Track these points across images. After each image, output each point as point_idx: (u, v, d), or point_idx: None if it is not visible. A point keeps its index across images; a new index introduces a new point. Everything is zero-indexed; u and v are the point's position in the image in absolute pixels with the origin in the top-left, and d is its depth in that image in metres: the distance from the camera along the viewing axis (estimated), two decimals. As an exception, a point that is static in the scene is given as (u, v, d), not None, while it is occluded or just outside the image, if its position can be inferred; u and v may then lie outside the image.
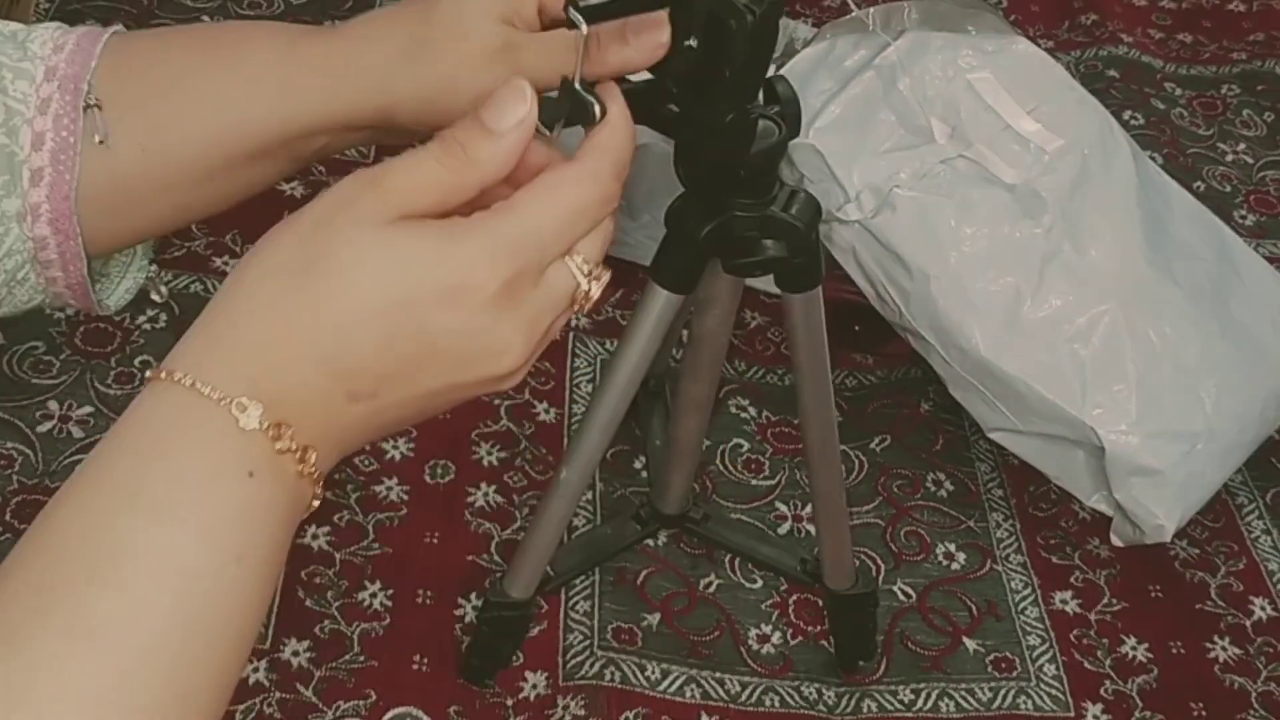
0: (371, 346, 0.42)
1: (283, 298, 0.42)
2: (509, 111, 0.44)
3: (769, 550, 1.36)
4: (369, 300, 0.42)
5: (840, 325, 1.60)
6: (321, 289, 0.42)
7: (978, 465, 1.52)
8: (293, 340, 0.42)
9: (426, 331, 0.43)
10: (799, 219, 0.83)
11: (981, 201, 1.41)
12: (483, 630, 1.21)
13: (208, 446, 0.41)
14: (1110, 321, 1.39)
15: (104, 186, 0.54)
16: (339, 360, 0.42)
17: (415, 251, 0.42)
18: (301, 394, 0.42)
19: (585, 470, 1.05)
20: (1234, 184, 1.91)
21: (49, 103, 0.52)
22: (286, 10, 1.94)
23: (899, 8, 1.52)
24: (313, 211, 0.43)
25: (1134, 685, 1.34)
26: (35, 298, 0.56)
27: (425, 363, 0.43)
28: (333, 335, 0.42)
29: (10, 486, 1.32)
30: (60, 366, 1.43)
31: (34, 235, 0.53)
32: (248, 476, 0.41)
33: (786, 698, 1.28)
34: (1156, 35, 2.18)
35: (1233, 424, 1.42)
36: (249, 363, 0.42)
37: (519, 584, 1.16)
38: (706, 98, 0.60)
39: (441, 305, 0.42)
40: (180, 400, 0.41)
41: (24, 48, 0.53)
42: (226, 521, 0.41)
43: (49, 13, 1.85)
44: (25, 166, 0.52)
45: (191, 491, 0.41)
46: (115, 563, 0.39)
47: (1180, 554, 1.46)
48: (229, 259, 1.56)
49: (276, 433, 0.42)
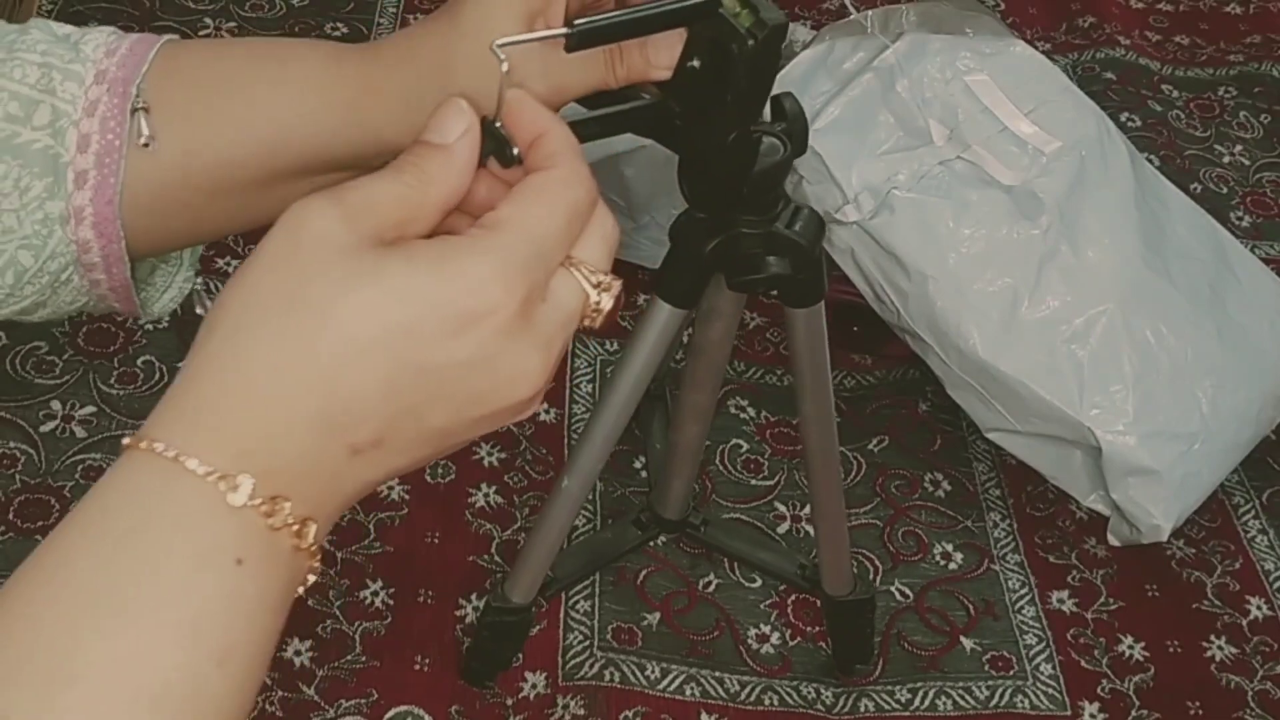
0: (371, 389, 0.38)
1: (267, 349, 0.38)
2: (450, 125, 0.42)
3: (767, 556, 1.37)
4: (361, 337, 0.38)
5: (839, 326, 1.60)
6: (306, 331, 0.38)
7: (975, 465, 1.53)
8: (283, 396, 0.38)
9: (434, 365, 0.39)
10: (803, 236, 0.83)
11: (979, 203, 1.42)
12: (483, 634, 1.22)
13: (190, 531, 0.36)
14: (1107, 322, 1.40)
15: (148, 190, 0.53)
16: (337, 411, 0.38)
17: (410, 278, 0.38)
18: (298, 459, 0.38)
19: (587, 480, 1.05)
20: (1231, 185, 1.92)
21: (96, 105, 0.52)
22: (288, 12, 1.94)
23: (897, 10, 1.52)
24: (271, 245, 0.39)
25: (1130, 684, 1.34)
26: (79, 300, 0.55)
27: (434, 400, 0.39)
28: (327, 383, 0.38)
29: (13, 486, 1.33)
30: (63, 366, 1.44)
31: (77, 238, 0.52)
32: (235, 565, 0.37)
33: (785, 697, 1.29)
34: (1154, 37, 2.19)
35: (1229, 424, 1.43)
36: (238, 429, 0.37)
37: (520, 589, 1.16)
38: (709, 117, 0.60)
39: (450, 335, 0.39)
40: (160, 475, 0.37)
41: (76, 49, 0.53)
42: (208, 619, 0.36)
43: (51, 14, 1.85)
44: (70, 169, 0.52)
45: (169, 587, 0.36)
46: (72, 681, 0.34)
47: (1177, 553, 1.46)
48: (230, 259, 1.57)
49: (271, 508, 0.37)
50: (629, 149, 1.48)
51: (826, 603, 1.24)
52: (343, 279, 0.38)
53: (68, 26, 0.54)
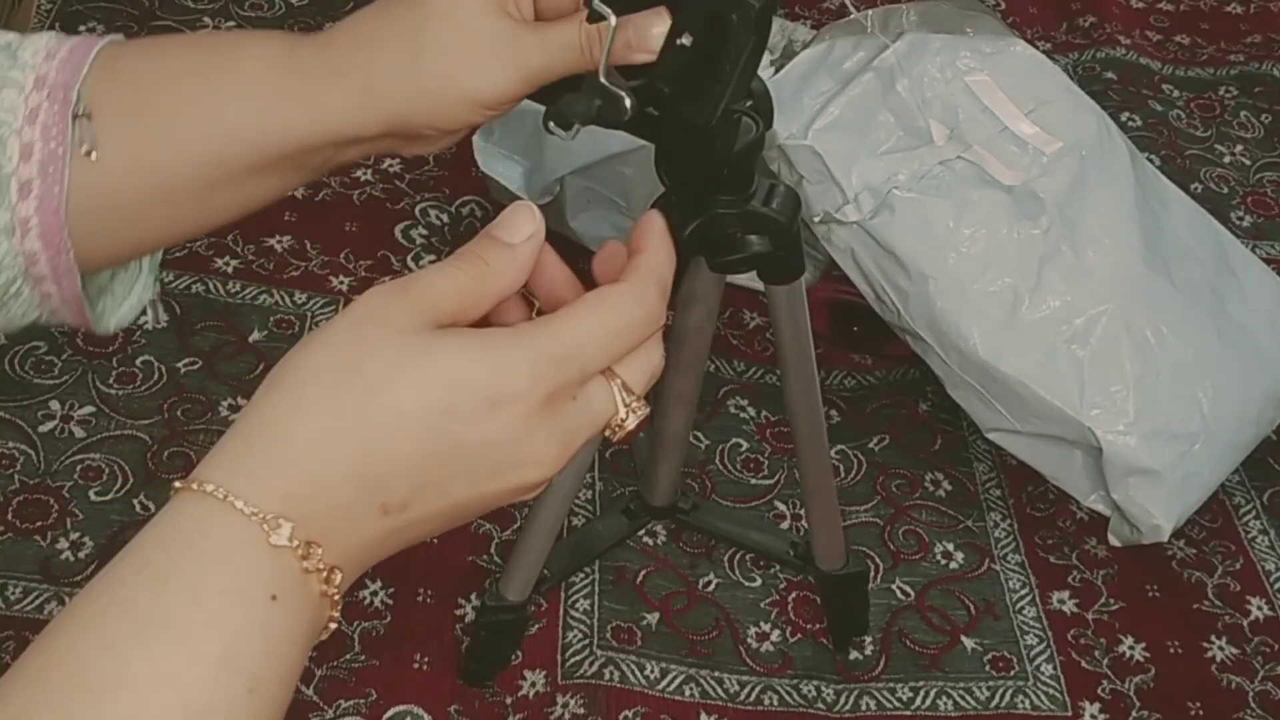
0: (408, 457, 0.42)
1: (320, 409, 0.41)
2: (520, 227, 0.45)
3: (759, 537, 1.37)
4: (408, 409, 0.41)
5: (839, 326, 1.60)
6: (360, 400, 0.41)
7: (976, 465, 1.52)
8: (329, 453, 0.41)
9: (464, 441, 0.42)
10: (781, 213, 0.83)
11: (980, 203, 1.42)
12: (481, 634, 1.22)
13: (233, 564, 0.39)
14: (1108, 322, 1.39)
15: (96, 199, 0.52)
16: (375, 473, 0.41)
17: (456, 360, 0.42)
18: (334, 510, 0.41)
19: (577, 471, 1.06)
20: (1231, 185, 1.92)
21: (37, 112, 0.50)
22: (287, 11, 1.94)
23: (897, 10, 1.52)
24: (344, 322, 0.43)
25: (1131, 685, 1.34)
26: (31, 313, 0.54)
27: (459, 472, 0.43)
28: (370, 446, 0.41)
29: (12, 486, 1.32)
30: (62, 366, 1.44)
31: (24, 250, 0.51)
32: (270, 600, 0.40)
33: (785, 696, 1.29)
34: (1154, 37, 2.19)
35: (1230, 424, 1.43)
36: (284, 477, 0.41)
37: (514, 586, 1.17)
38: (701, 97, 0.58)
39: (481, 415, 0.42)
40: (208, 514, 0.40)
41: (15, 57, 0.51)
42: (244, 648, 0.39)
43: (51, 12, 1.85)
44: (13, 179, 0.50)
45: (210, 615, 0.39)
46: (116, 695, 0.37)
47: (1177, 554, 1.46)
48: (230, 259, 1.57)
49: (306, 551, 0.40)
50: (629, 149, 1.48)
51: (820, 579, 1.25)
52: (397, 358, 0.42)
53: (10, 34, 0.52)
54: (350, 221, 1.65)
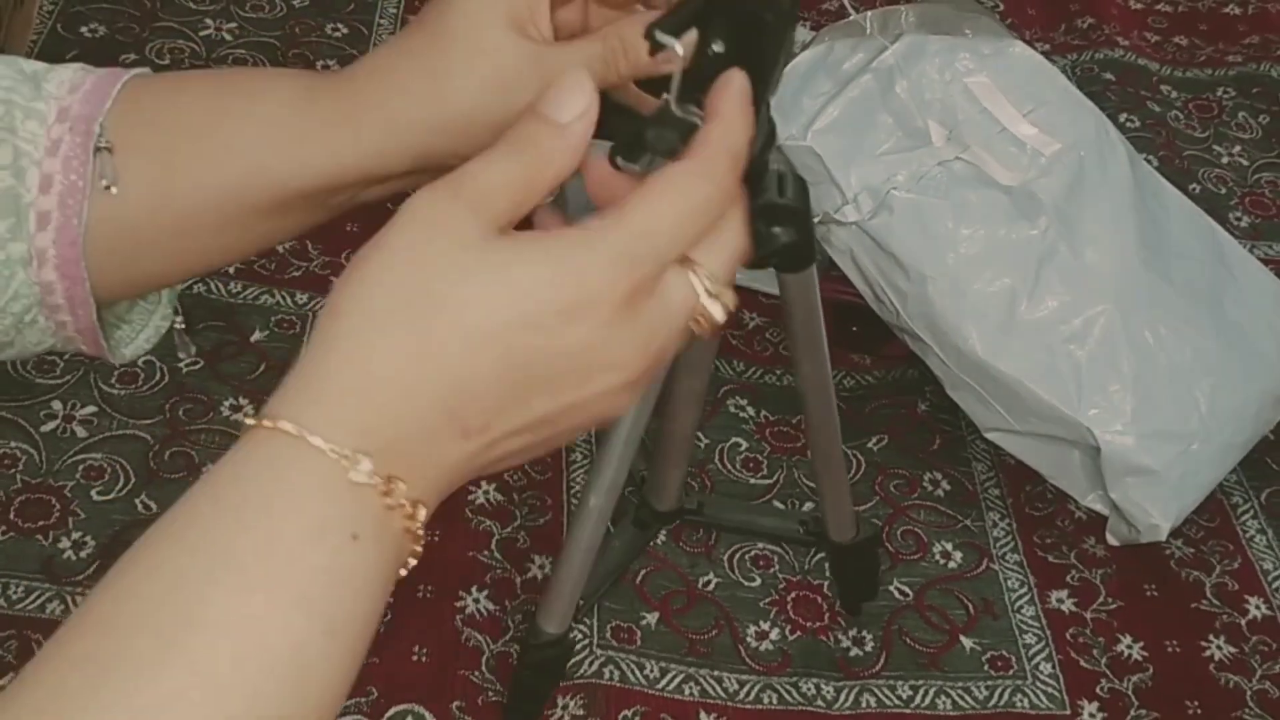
0: (486, 376, 0.40)
1: (390, 336, 0.39)
2: (570, 103, 0.42)
3: (769, 521, 1.38)
4: (483, 327, 0.39)
5: (838, 326, 1.61)
6: (431, 322, 0.39)
7: (974, 465, 1.53)
8: (405, 381, 0.39)
9: (543, 352, 0.40)
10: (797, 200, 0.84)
11: (978, 203, 1.43)
12: (524, 674, 1.19)
13: (311, 504, 0.38)
14: (1106, 322, 1.40)
15: (113, 232, 0.51)
16: (454, 396, 0.40)
17: (527, 269, 0.40)
18: (413, 440, 0.39)
19: (612, 493, 1.05)
20: (1229, 186, 1.92)
21: (59, 144, 0.50)
22: (288, 12, 1.95)
23: (896, 11, 1.53)
24: (399, 238, 0.41)
25: (1129, 684, 1.34)
26: (45, 340, 0.54)
27: (538, 386, 0.41)
28: (447, 371, 0.39)
29: (14, 486, 1.33)
30: (64, 366, 1.44)
31: (40, 280, 0.51)
32: (351, 539, 0.38)
33: (785, 695, 1.29)
34: (1152, 38, 2.19)
35: (1228, 424, 1.43)
36: (360, 409, 0.39)
37: (555, 618, 1.13)
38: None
39: (560, 324, 0.40)
40: (282, 451, 0.38)
41: (39, 87, 0.51)
42: (322, 590, 0.37)
43: (52, 14, 1.86)
44: (32, 209, 0.50)
45: (287, 556, 0.37)
46: (189, 636, 0.35)
47: (1176, 553, 1.47)
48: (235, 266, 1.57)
49: (387, 487, 0.39)
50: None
51: (833, 550, 1.25)
52: (465, 274, 0.40)
53: (36, 64, 0.52)
54: (352, 222, 1.65)
